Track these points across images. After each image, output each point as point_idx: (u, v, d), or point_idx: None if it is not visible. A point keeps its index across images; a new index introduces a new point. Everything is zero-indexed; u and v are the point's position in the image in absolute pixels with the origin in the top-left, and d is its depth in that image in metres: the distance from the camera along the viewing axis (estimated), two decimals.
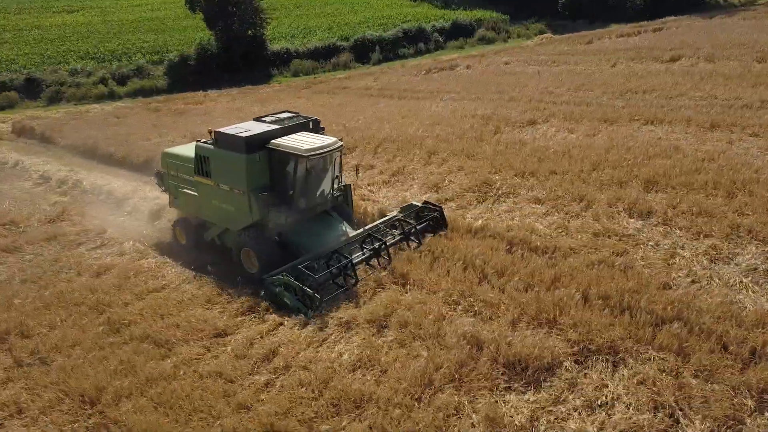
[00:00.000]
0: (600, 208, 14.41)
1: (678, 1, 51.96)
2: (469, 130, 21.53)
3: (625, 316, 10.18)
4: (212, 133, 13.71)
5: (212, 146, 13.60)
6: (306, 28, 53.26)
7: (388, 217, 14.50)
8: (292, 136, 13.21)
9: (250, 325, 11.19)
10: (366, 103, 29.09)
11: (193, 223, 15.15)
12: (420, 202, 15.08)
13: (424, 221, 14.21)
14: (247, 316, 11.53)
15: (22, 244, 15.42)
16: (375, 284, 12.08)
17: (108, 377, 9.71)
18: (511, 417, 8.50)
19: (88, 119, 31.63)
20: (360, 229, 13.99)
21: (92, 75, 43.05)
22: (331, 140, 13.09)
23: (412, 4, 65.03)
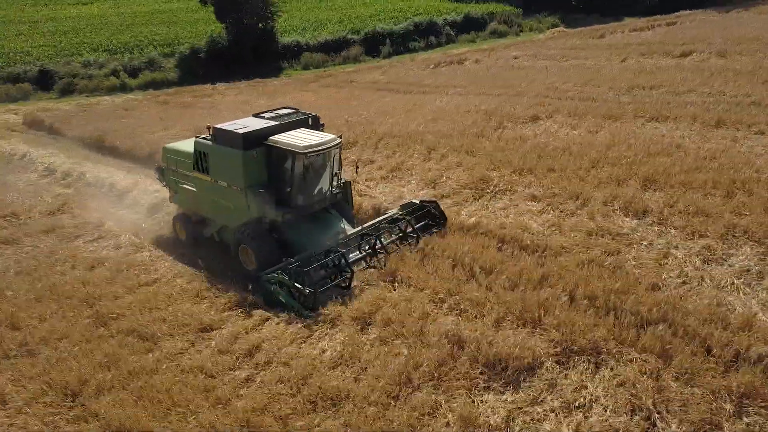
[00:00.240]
0: (596, 207, 14.27)
1: None
2: (471, 126, 21.41)
3: (610, 317, 10.09)
4: (210, 129, 13.72)
5: (210, 142, 13.61)
6: (317, 21, 53.22)
7: (388, 215, 14.32)
8: (291, 132, 13.13)
9: (236, 321, 11.24)
10: (371, 97, 29.03)
11: (192, 219, 15.21)
12: (417, 200, 14.89)
13: (423, 222, 14.04)
14: (234, 311, 11.58)
15: (20, 236, 15.62)
16: (363, 282, 12.06)
17: (92, 370, 9.82)
18: (486, 417, 8.47)
19: (97, 111, 31.91)
20: (359, 227, 13.83)
21: (104, 67, 43.41)
22: (329, 137, 13.00)
23: None
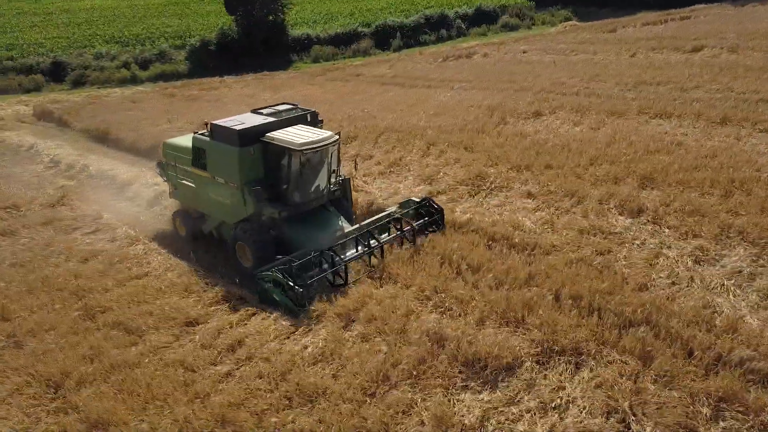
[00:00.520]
0: (590, 205, 14.14)
1: None
2: (472, 121, 21.28)
3: (593, 317, 10.01)
4: (208, 125, 13.74)
5: (208, 138, 13.62)
6: (328, 14, 53.19)
7: (387, 212, 14.19)
8: (288, 129, 13.07)
9: (222, 315, 11.30)
10: (376, 91, 28.97)
11: (192, 215, 15.27)
12: (417, 198, 14.68)
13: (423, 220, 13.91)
14: (221, 306, 11.65)
15: (18, 228, 15.80)
16: (351, 279, 12.06)
17: (75, 363, 9.93)
18: (461, 417, 8.45)
19: (105, 103, 32.17)
20: (356, 225, 13.70)
21: (116, 59, 43.71)
22: (327, 134, 12.93)
23: None
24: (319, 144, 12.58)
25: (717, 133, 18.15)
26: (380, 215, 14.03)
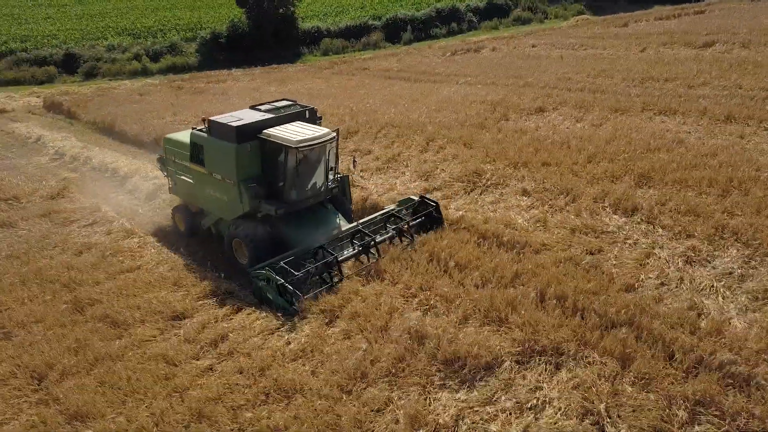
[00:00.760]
0: (585, 203, 14.02)
1: None
2: (474, 117, 21.18)
3: (576, 317, 9.93)
4: (206, 121, 13.76)
5: (206, 134, 13.63)
6: (339, 7, 53.08)
7: (385, 210, 14.12)
8: (286, 126, 13.00)
9: (208, 310, 11.36)
10: (381, 86, 28.88)
11: (191, 210, 15.32)
12: (415, 196, 14.56)
13: (420, 216, 13.84)
14: (209, 300, 11.71)
15: (16, 220, 15.97)
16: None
17: (59, 355, 10.05)
18: (436, 415, 8.43)
19: (113, 96, 32.38)
20: (353, 223, 13.60)
21: (127, 51, 44.07)
22: (324, 131, 12.84)
23: None
24: (316, 141, 12.50)
25: (720, 130, 17.92)
26: (377, 214, 13.96)
